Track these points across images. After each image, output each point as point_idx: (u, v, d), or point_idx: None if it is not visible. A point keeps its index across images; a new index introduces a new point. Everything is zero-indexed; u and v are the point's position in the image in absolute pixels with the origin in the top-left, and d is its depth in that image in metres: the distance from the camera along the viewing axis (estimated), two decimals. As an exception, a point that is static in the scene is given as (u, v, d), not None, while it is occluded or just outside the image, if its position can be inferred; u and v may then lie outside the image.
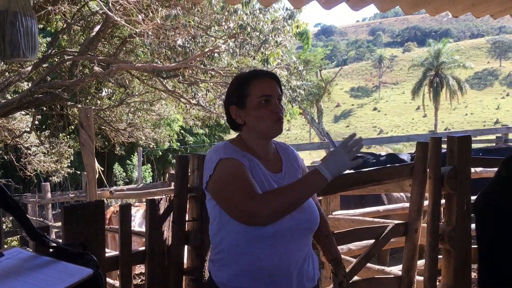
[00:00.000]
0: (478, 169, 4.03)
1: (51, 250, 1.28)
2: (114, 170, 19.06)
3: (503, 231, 1.09)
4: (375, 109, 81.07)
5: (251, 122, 1.71)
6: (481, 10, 3.03)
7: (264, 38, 7.34)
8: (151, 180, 19.44)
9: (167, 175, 11.17)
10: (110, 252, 3.56)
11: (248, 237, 1.61)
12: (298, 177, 1.77)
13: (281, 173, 1.75)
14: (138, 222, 5.12)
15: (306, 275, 1.72)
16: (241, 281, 1.63)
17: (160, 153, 20.25)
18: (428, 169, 2.96)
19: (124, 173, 19.34)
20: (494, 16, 3.21)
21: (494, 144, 10.40)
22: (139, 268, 5.92)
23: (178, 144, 20.30)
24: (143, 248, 2.45)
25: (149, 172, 19.84)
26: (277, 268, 1.62)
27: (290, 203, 1.53)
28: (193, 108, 9.56)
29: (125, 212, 2.32)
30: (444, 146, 3.04)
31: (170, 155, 21.00)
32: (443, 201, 3.04)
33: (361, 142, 1.58)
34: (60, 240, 2.31)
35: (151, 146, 13.57)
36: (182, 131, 20.64)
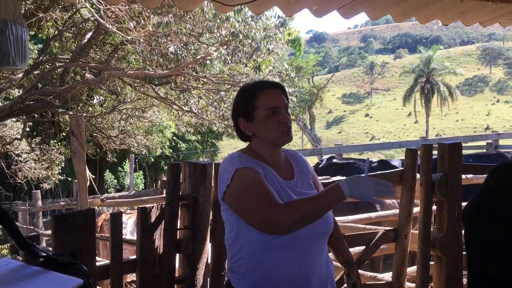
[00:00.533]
0: (469, 175, 4.06)
1: (40, 260, 1.27)
2: (105, 177, 18.93)
3: (495, 239, 1.09)
4: (367, 115, 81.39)
5: (260, 134, 1.75)
6: (471, 18, 3.06)
7: (256, 46, 7.35)
8: (143, 187, 19.34)
9: (159, 182, 11.12)
10: (101, 261, 3.54)
11: (266, 245, 1.64)
12: (309, 183, 1.82)
13: (293, 180, 1.78)
14: (130, 229, 5.09)
15: (325, 278, 1.76)
16: (262, 286, 1.66)
17: (152, 159, 20.17)
18: (419, 176, 2.98)
19: (115, 180, 19.21)
20: (483, 24, 3.24)
21: (485, 150, 10.46)
22: (131, 276, 5.88)
23: (171, 150, 20.24)
24: (135, 256, 2.43)
25: (141, 179, 19.74)
26: (296, 273, 1.66)
27: (310, 214, 1.58)
28: (185, 115, 9.55)
29: (116, 221, 2.31)
30: (435, 152, 3.06)
31: (163, 162, 20.93)
32: (434, 207, 3.05)
33: (391, 191, 1.61)
34: (51, 248, 2.29)
35: (143, 153, 13.51)
36: (174, 138, 20.59)
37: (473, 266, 1.21)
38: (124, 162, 19.21)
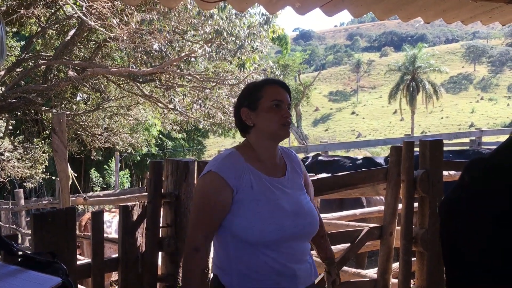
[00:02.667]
0: (452, 172, 4.10)
1: (19, 259, 1.26)
2: (91, 175, 18.78)
3: (471, 235, 1.10)
4: (353, 113, 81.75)
5: (260, 124, 1.78)
6: (452, 16, 3.09)
7: (240, 43, 7.33)
8: (129, 186, 19.22)
9: (145, 180, 11.06)
10: (85, 260, 3.51)
11: (253, 244, 1.68)
12: (299, 183, 1.86)
13: (284, 177, 1.81)
14: (114, 228, 5.05)
15: (309, 269, 1.81)
16: (251, 282, 1.70)
17: (138, 158, 20.07)
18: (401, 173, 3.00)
19: (101, 179, 19.06)
20: (464, 22, 3.27)
21: (468, 147, 10.59)
22: (116, 275, 5.83)
23: (157, 148, 20.15)
24: (117, 255, 2.42)
25: (127, 178, 19.61)
26: (284, 269, 1.70)
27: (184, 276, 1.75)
28: (171, 113, 9.50)
29: (97, 219, 2.29)
30: (417, 149, 3.08)
31: (149, 160, 20.79)
32: (416, 204, 3.08)
33: None
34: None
35: (128, 151, 13.43)
36: (160, 136, 20.50)
37: (452, 263, 1.21)
38: (110, 161, 19.07)
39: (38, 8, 7.40)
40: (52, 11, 8.55)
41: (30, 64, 8.84)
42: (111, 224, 5.01)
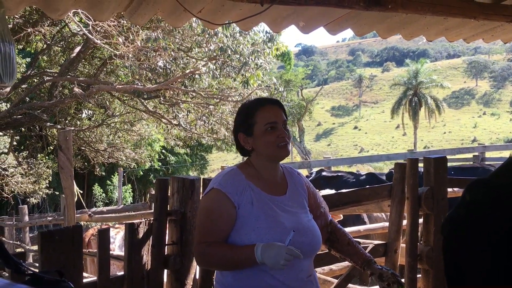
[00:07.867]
0: (456, 189, 4.09)
1: (27, 277, 1.27)
2: (94, 190, 18.75)
3: (474, 254, 1.11)
4: (355, 127, 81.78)
5: (258, 148, 1.80)
6: (454, 34, 3.13)
7: (244, 61, 7.39)
8: (131, 201, 19.17)
9: (148, 195, 11.06)
10: (89, 277, 3.51)
11: None
12: (301, 202, 1.86)
13: (285, 196, 1.82)
14: (118, 244, 5.04)
15: None
16: None
17: (141, 173, 20.05)
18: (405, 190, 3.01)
19: (104, 194, 19.02)
20: (466, 41, 3.31)
21: (471, 163, 10.56)
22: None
23: (160, 164, 20.15)
24: (122, 272, 2.42)
25: (129, 193, 19.57)
26: (281, 287, 1.71)
27: (222, 265, 1.74)
28: (174, 129, 9.54)
29: (103, 237, 2.30)
30: (421, 165, 3.09)
31: (152, 175, 20.80)
32: (421, 221, 3.08)
33: (299, 256, 1.67)
34: (37, 264, 2.27)
35: (131, 166, 13.45)
36: (163, 151, 20.51)
37: (453, 278, 1.22)
38: (113, 176, 19.04)
39: (44, 26, 7.49)
40: (58, 28, 8.65)
41: (36, 80, 8.92)
42: (115, 240, 5.01)
